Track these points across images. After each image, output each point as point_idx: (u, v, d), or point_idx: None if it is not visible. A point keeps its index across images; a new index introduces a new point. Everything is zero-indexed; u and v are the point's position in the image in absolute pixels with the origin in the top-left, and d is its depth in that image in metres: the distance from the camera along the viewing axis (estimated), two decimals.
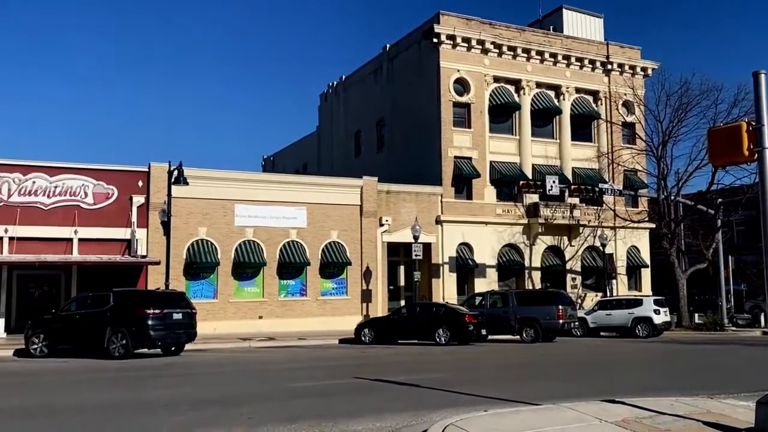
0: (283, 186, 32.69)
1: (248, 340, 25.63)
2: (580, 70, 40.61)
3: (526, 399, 10.70)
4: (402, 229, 34.05)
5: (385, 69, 42.09)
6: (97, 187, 28.43)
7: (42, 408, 10.73)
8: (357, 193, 33.68)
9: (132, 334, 19.58)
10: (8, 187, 27.12)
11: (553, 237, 38.47)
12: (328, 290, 32.99)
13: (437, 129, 36.46)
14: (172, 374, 16.19)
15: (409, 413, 9.71)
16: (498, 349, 23.69)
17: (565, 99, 40.06)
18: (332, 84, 49.21)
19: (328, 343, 26.10)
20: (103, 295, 20.74)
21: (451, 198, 36.24)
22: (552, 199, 37.75)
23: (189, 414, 9.89)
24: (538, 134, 39.39)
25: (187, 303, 21.57)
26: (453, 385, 12.75)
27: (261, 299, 31.33)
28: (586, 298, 37.99)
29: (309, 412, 9.96)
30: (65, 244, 27.69)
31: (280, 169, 54.54)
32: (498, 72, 38.22)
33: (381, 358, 20.14)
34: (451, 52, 36.84)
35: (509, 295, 28.48)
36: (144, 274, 28.61)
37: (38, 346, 20.61)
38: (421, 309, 26.66)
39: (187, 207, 29.53)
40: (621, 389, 11.83)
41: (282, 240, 31.77)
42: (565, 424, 8.47)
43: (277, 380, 14.52)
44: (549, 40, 39.83)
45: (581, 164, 39.91)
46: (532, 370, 16.84)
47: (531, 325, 26.72)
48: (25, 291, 28.60)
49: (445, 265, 35.42)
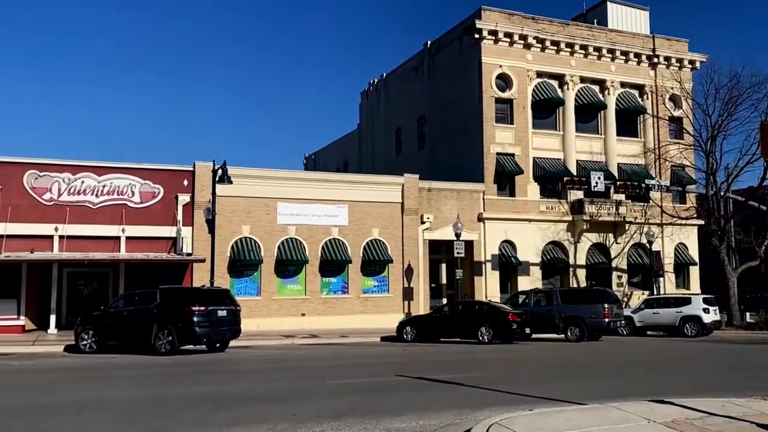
0: (325, 184, 32.88)
1: (291, 337, 25.86)
2: (626, 64, 39.85)
3: (572, 398, 10.53)
4: (443, 226, 33.91)
5: (426, 66, 41.96)
6: (143, 186, 29.02)
7: (92, 402, 10.97)
8: (398, 190, 33.66)
9: (178, 331, 19.90)
10: (58, 187, 27.88)
11: (599, 234, 37.85)
12: (369, 288, 33.06)
13: (479, 125, 36.20)
14: (217, 370, 16.42)
15: (453, 412, 9.64)
16: (542, 348, 23.40)
17: (610, 93, 39.37)
18: (373, 82, 49.28)
19: (370, 340, 26.15)
20: (149, 292, 21.13)
21: (494, 195, 35.94)
22: (597, 195, 37.17)
23: (234, 409, 10.00)
24: (582, 130, 38.82)
25: (232, 300, 21.84)
26: (496, 383, 12.63)
27: (303, 297, 31.57)
28: (633, 297, 37.27)
29: (352, 409, 9.97)
30: (113, 242, 28.34)
31: (321, 168, 54.95)
32: (541, 67, 37.76)
33: (423, 356, 20.08)
34: (493, 47, 36.52)
35: (553, 293, 28.12)
36: (189, 272, 29.11)
37: (87, 342, 21.10)
38: (463, 307, 26.50)
39: (230, 205, 29.92)
40: (669, 389, 11.55)
41: (324, 238, 31.95)
42: (612, 424, 8.29)
43: (320, 377, 14.58)
44: (593, 34, 39.18)
45: (627, 160, 39.19)
46: (577, 370, 16.58)
47: (576, 324, 26.33)
48: (74, 288, 29.37)
49: (488, 263, 35.15)
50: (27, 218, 27.19)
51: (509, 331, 24.32)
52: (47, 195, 27.70)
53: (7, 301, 27.19)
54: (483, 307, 25.70)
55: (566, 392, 11.31)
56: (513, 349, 22.56)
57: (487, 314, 24.83)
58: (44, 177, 27.73)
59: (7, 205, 27.04)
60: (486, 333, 24.21)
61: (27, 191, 27.47)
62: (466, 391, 11.86)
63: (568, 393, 11.19)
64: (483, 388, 12.06)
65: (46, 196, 27.69)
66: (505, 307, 25.87)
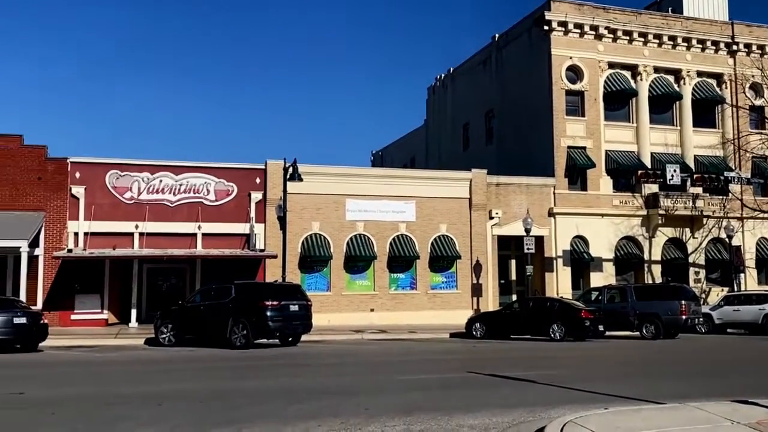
0: (392, 180, 33.05)
1: (361, 332, 26.12)
2: (702, 53, 38.42)
3: (648, 397, 10.27)
4: (512, 222, 33.54)
5: (494, 59, 41.53)
6: (218, 184, 29.89)
7: (174, 393, 11.40)
8: (466, 186, 33.48)
9: (252, 325, 20.41)
10: (138, 186, 29.01)
11: (675, 229, 36.67)
12: (437, 284, 33.04)
13: (549, 118, 35.61)
14: (290, 364, 16.76)
15: (525, 409, 9.56)
16: (616, 345, 22.87)
17: (686, 83, 38.06)
18: (440, 77, 49.12)
19: (439, 336, 26.14)
20: (225, 287, 21.75)
21: (565, 189, 35.30)
22: (673, 188, 36.01)
23: (307, 403, 10.20)
24: (656, 121, 37.71)
25: (303, 295, 22.25)
26: (569, 381, 12.43)
27: (372, 292, 31.82)
28: (711, 293, 35.98)
29: (423, 404, 10.01)
30: (189, 239, 29.30)
31: (388, 164, 55.20)
32: (613, 58, 36.85)
33: (494, 352, 19.95)
34: (563, 38, 35.85)
35: (628, 289, 27.42)
36: (262, 267, 29.80)
37: (166, 335, 21.88)
38: (534, 304, 26.18)
39: (301, 202, 30.44)
40: (753, 389, 11.08)
41: (391, 234, 32.11)
42: (692, 424, 8.04)
43: (390, 372, 14.70)
44: (668, 23, 37.92)
45: (704, 152, 37.81)
46: (654, 368, 16.13)
47: (651, 321, 25.60)
48: (154, 283, 30.51)
49: (559, 258, 34.57)
50: (109, 216, 28.44)
51: (582, 328, 23.88)
52: (128, 194, 28.88)
53: (91, 296, 28.56)
54: (554, 304, 25.32)
55: (643, 391, 11.04)
56: (586, 346, 22.13)
57: (559, 311, 24.45)
58: (125, 177, 28.92)
59: (91, 203, 28.34)
60: (558, 330, 23.84)
61: (109, 190, 28.71)
62: (538, 389, 11.72)
63: (645, 392, 10.92)
64: (556, 386, 11.89)
65: (127, 195, 28.86)
66: (577, 304, 25.41)
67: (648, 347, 21.97)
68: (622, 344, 23.37)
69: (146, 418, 9.11)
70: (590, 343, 23.05)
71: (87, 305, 28.38)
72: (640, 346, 22.38)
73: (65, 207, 28.29)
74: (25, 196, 27.86)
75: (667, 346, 22.51)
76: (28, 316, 19.86)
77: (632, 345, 23.06)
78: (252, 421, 8.74)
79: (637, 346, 22.73)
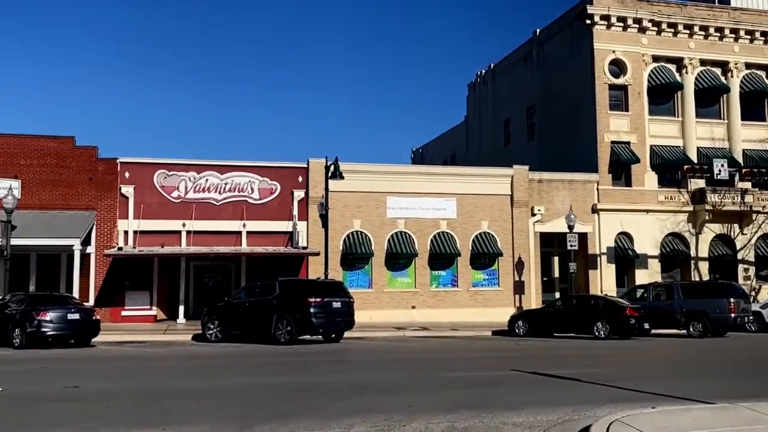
0: (433, 177, 33.07)
1: (402, 329, 26.25)
2: (751, 44, 37.43)
3: (697, 397, 10.14)
4: (555, 218, 33.23)
5: (536, 54, 41.16)
6: (262, 183, 30.35)
7: (220, 388, 11.69)
8: (507, 182, 33.30)
9: (296, 321, 20.73)
10: (185, 185, 29.64)
11: (722, 225, 35.85)
12: (479, 281, 32.95)
13: (592, 113, 35.17)
14: (334, 360, 16.98)
15: (570, 407, 9.53)
16: (662, 343, 22.53)
17: (734, 76, 37.15)
18: (480, 73, 48.88)
19: (481, 334, 26.10)
20: (269, 284, 22.11)
21: (608, 185, 34.84)
22: (720, 184, 35.16)
23: (350, 399, 10.35)
24: (702, 115, 36.89)
25: (345, 292, 22.47)
26: (615, 380, 12.34)
27: (413, 289, 31.91)
28: (762, 291, 35.07)
29: (467, 402, 10.05)
30: (234, 237, 29.83)
31: (428, 161, 55.16)
32: (657, 51, 36.18)
33: (537, 350, 19.86)
34: (606, 32, 35.34)
35: (674, 287, 26.96)
36: (305, 265, 30.17)
37: (213, 331, 22.34)
38: (578, 301, 25.95)
39: (342, 200, 30.69)
40: None
41: (432, 231, 32.14)
42: (743, 425, 7.93)
43: (433, 369, 14.78)
44: (714, 14, 37.05)
45: (753, 146, 36.88)
46: (702, 367, 15.88)
47: (699, 319, 25.11)
48: (200, 280, 31.14)
49: (603, 255, 34.13)
50: (157, 215, 29.13)
51: (627, 326, 23.58)
52: (175, 193, 29.53)
53: (141, 292, 29.30)
54: (599, 302, 25.05)
55: (691, 390, 10.90)
56: (631, 344, 21.86)
57: (603, 309, 24.19)
58: (172, 176, 29.58)
59: (140, 202, 29.07)
60: (602, 328, 23.59)
61: (157, 190, 29.40)
62: (583, 387, 11.67)
63: (693, 391, 10.78)
64: (601, 384, 11.82)
65: (174, 194, 29.52)
66: (622, 302, 25.09)
67: (695, 346, 21.60)
68: (668, 342, 23.02)
69: (196, 411, 9.39)
70: (635, 342, 22.76)
71: (137, 302, 29.14)
72: (687, 345, 22.01)
73: (115, 206, 29.07)
74: (78, 195, 28.72)
75: (715, 344, 22.09)
76: (82, 313, 20.52)
77: (679, 343, 22.69)
78: (297, 415, 8.91)
79: (683, 344, 22.36)
